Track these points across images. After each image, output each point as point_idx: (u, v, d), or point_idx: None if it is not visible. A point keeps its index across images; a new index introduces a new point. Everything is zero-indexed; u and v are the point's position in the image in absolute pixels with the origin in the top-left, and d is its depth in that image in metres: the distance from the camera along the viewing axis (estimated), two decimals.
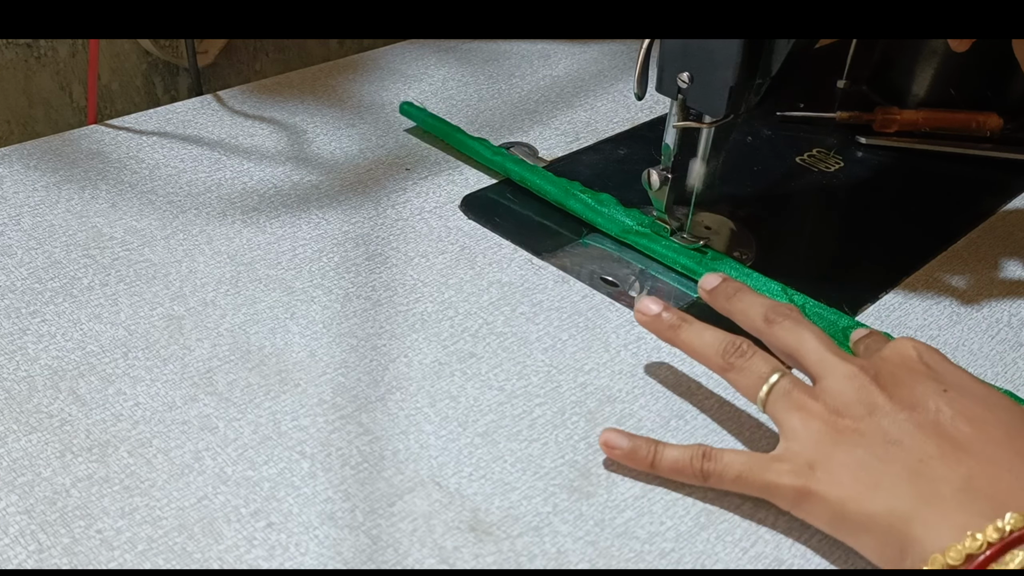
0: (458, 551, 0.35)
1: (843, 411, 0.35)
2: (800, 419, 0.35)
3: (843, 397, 0.35)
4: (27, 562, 0.33)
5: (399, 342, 0.44)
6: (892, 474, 0.33)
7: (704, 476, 0.36)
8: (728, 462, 0.36)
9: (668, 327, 0.41)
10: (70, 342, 0.43)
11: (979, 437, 0.33)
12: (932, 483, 0.32)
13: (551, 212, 0.55)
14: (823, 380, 0.36)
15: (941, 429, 0.33)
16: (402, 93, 0.67)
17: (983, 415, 0.33)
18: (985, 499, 0.31)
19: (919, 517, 0.31)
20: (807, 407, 0.35)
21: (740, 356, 0.38)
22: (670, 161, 0.49)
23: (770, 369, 0.37)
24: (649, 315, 0.41)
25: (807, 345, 0.38)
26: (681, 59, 0.45)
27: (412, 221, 0.53)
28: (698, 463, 0.36)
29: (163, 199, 0.54)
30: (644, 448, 0.37)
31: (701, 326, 0.40)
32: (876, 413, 0.34)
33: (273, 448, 0.38)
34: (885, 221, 0.57)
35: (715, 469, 0.36)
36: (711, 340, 0.39)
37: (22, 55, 0.66)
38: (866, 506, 0.32)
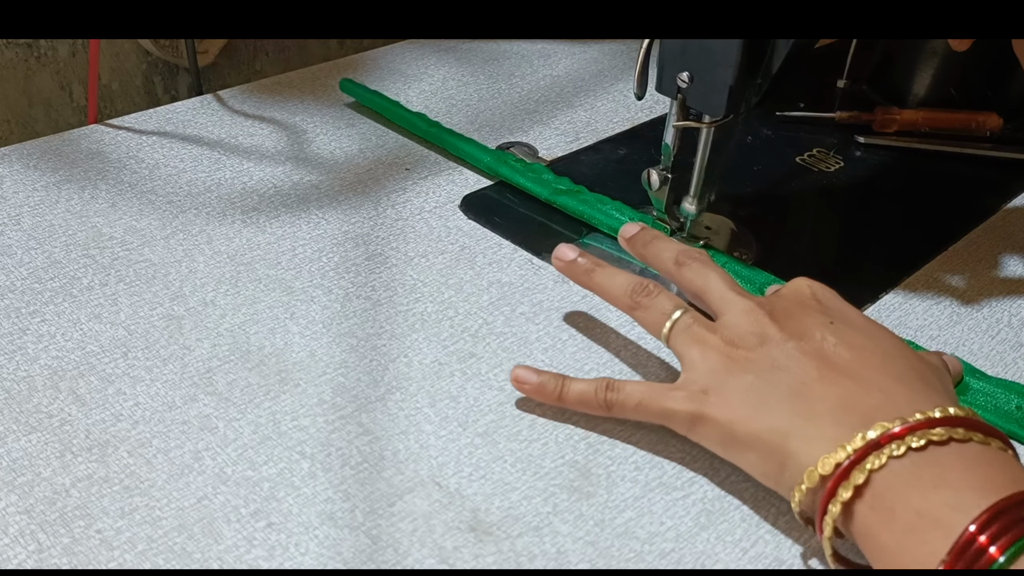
0: (458, 551, 0.35)
1: (738, 342, 0.37)
2: (699, 351, 0.38)
3: (738, 329, 0.37)
4: (27, 562, 0.33)
5: (399, 342, 0.44)
6: (776, 396, 0.35)
7: (608, 406, 0.39)
8: (629, 391, 0.38)
9: (583, 271, 0.43)
10: (70, 342, 0.43)
11: (857, 362, 0.35)
12: (810, 402, 0.34)
13: (551, 212, 0.55)
14: (723, 316, 0.39)
15: (823, 355, 0.35)
16: (402, 93, 0.67)
17: (863, 343, 0.36)
18: (856, 414, 0.33)
19: (796, 432, 0.34)
20: (706, 340, 0.38)
21: (647, 295, 0.40)
22: (670, 161, 0.49)
23: (673, 306, 0.39)
24: (565, 260, 0.43)
25: (711, 284, 0.40)
26: (681, 59, 0.45)
27: (412, 221, 0.53)
28: (602, 394, 0.39)
29: (163, 199, 0.54)
30: (552, 383, 0.40)
31: (613, 270, 0.42)
32: (767, 343, 0.36)
33: (273, 448, 0.38)
34: (885, 221, 0.57)
35: (617, 399, 0.38)
36: (621, 282, 0.42)
37: (22, 55, 0.66)
38: (751, 425, 0.35)
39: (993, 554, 0.28)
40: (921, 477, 0.30)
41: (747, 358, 0.36)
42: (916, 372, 0.35)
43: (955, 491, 0.30)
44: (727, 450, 0.36)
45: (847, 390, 0.34)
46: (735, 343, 0.37)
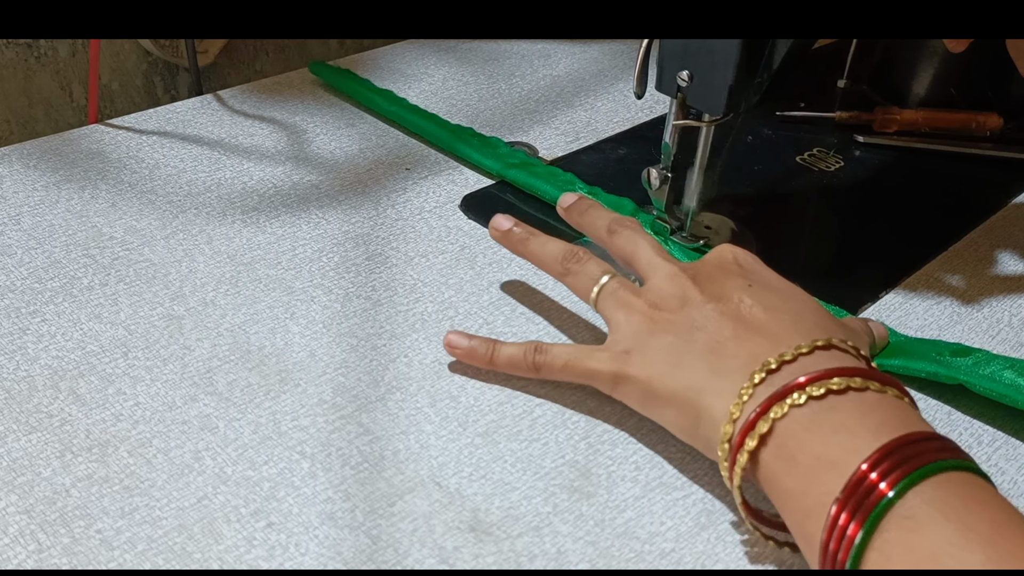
0: (458, 551, 0.34)
1: (661, 305, 0.38)
2: (624, 314, 0.39)
3: (662, 293, 0.39)
4: (27, 562, 0.33)
5: (399, 342, 0.44)
6: (693, 354, 0.36)
7: (536, 368, 0.40)
8: (556, 353, 0.40)
9: (518, 240, 0.45)
10: (70, 342, 0.43)
11: (771, 321, 0.36)
12: (723, 359, 0.35)
13: (552, 212, 0.54)
14: (649, 280, 0.40)
15: (739, 315, 0.37)
16: (402, 92, 0.67)
17: (778, 304, 0.37)
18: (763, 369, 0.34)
19: (709, 387, 0.35)
20: (631, 304, 0.39)
21: (576, 262, 0.42)
22: (670, 160, 0.49)
23: (601, 272, 0.41)
24: (501, 230, 0.45)
25: (640, 251, 0.42)
26: (681, 58, 0.45)
27: (412, 221, 0.53)
28: (530, 356, 0.40)
29: (163, 199, 0.54)
30: (483, 347, 0.41)
31: (546, 238, 0.44)
32: (688, 305, 0.38)
33: (273, 448, 0.38)
34: (885, 221, 0.57)
35: (545, 360, 0.40)
36: (552, 249, 0.43)
37: (22, 55, 0.66)
38: (669, 383, 0.36)
39: (883, 490, 0.29)
40: (820, 423, 0.32)
41: (668, 320, 0.38)
42: (825, 330, 0.36)
43: (851, 434, 0.31)
44: (647, 407, 0.38)
45: (758, 346, 0.35)
46: (658, 306, 0.38)
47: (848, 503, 0.29)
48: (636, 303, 0.39)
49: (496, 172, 0.56)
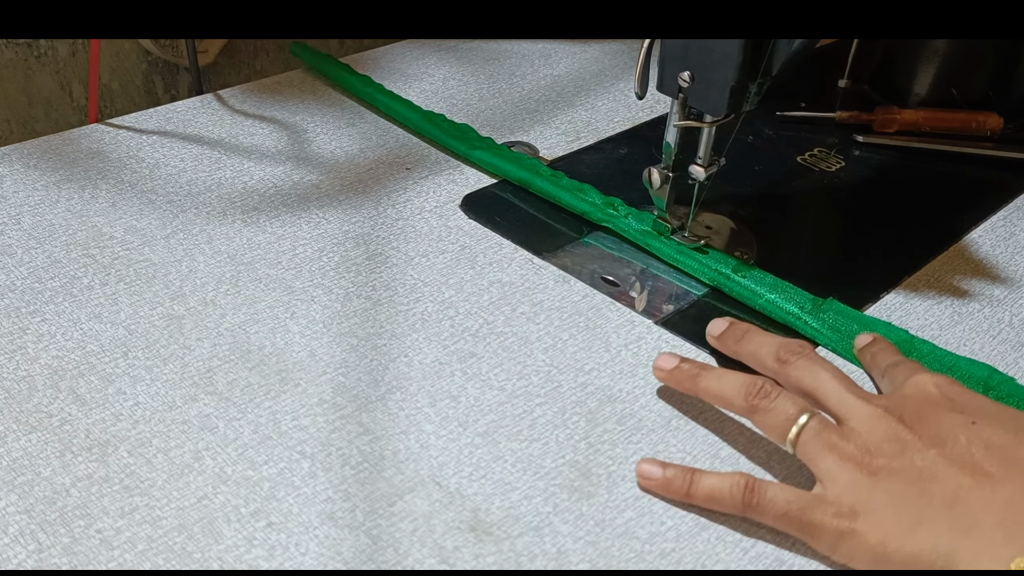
0: (458, 551, 0.34)
1: (875, 451, 0.35)
2: (834, 460, 0.35)
3: (873, 437, 0.35)
4: (27, 562, 0.33)
5: (399, 342, 0.44)
6: (931, 510, 0.33)
7: (746, 509, 0.36)
8: (771, 497, 0.35)
9: (688, 378, 0.40)
10: (70, 341, 0.43)
11: (1013, 464, 0.33)
12: (970, 516, 0.32)
13: (552, 212, 0.55)
14: (849, 421, 0.36)
15: (973, 461, 0.33)
16: (402, 92, 0.67)
17: (1013, 441, 0.34)
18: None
19: (962, 551, 0.31)
20: (839, 448, 0.35)
21: (764, 398, 0.38)
22: (671, 160, 0.49)
23: (798, 410, 0.37)
24: (667, 369, 0.41)
25: (826, 386, 0.38)
26: (682, 58, 0.45)
27: (412, 221, 0.53)
28: (739, 493, 0.36)
29: (163, 198, 0.54)
30: (679, 478, 0.37)
31: (720, 371, 0.40)
32: (908, 450, 0.34)
33: (273, 448, 0.38)
34: (886, 221, 0.57)
35: (759, 503, 0.35)
36: (732, 383, 0.39)
37: (22, 55, 0.66)
38: (907, 546, 0.32)
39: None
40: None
41: (889, 468, 0.34)
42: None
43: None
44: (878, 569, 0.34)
45: (1011, 498, 0.32)
46: (872, 452, 0.34)
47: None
48: (846, 448, 0.35)
49: (462, 153, 0.59)
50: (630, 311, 0.47)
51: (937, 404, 0.36)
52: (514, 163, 0.57)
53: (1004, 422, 0.35)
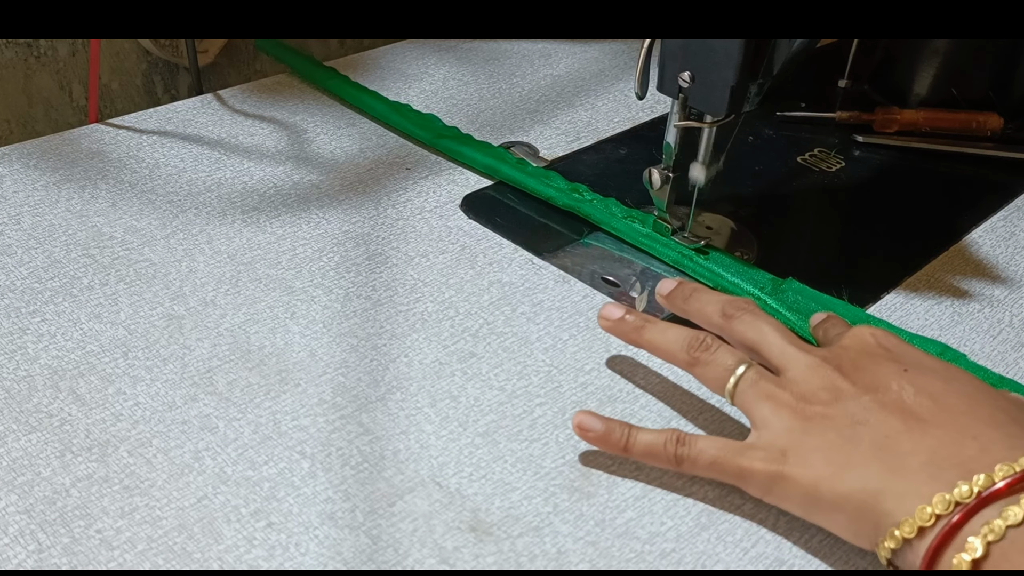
0: (458, 551, 0.34)
1: (810, 398, 0.35)
2: (770, 408, 0.36)
3: (809, 385, 0.36)
4: (27, 562, 0.33)
5: (399, 342, 0.44)
6: (861, 453, 0.33)
7: (678, 460, 0.37)
8: (702, 448, 0.36)
9: (632, 329, 0.41)
10: (70, 342, 0.43)
11: (942, 409, 0.33)
12: (899, 457, 0.33)
13: (552, 212, 0.54)
14: (788, 371, 0.37)
15: (904, 406, 0.34)
16: (403, 92, 0.67)
17: (943, 388, 0.34)
18: (952, 467, 0.31)
19: (889, 490, 0.32)
20: (775, 396, 0.36)
21: (705, 350, 0.39)
22: (671, 160, 0.49)
23: (736, 361, 0.38)
24: (612, 319, 0.42)
25: (767, 338, 0.39)
26: (682, 59, 0.45)
27: (412, 221, 0.53)
28: (671, 447, 0.37)
29: (163, 198, 0.54)
30: (618, 431, 0.38)
31: (664, 325, 0.41)
32: (842, 398, 0.35)
33: (273, 448, 0.38)
34: (887, 221, 0.57)
35: (688, 455, 0.36)
36: (675, 337, 0.40)
37: (22, 55, 0.66)
38: (838, 486, 0.33)
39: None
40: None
41: (823, 414, 0.35)
42: (1007, 414, 0.33)
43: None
44: (809, 511, 0.34)
45: (938, 441, 0.32)
46: (807, 399, 0.35)
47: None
48: (782, 396, 0.36)
49: (428, 141, 0.60)
50: None
51: (874, 354, 0.37)
52: (480, 151, 0.57)
53: (937, 371, 0.35)
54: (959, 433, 0.32)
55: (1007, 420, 0.33)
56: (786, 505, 0.35)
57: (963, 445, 0.32)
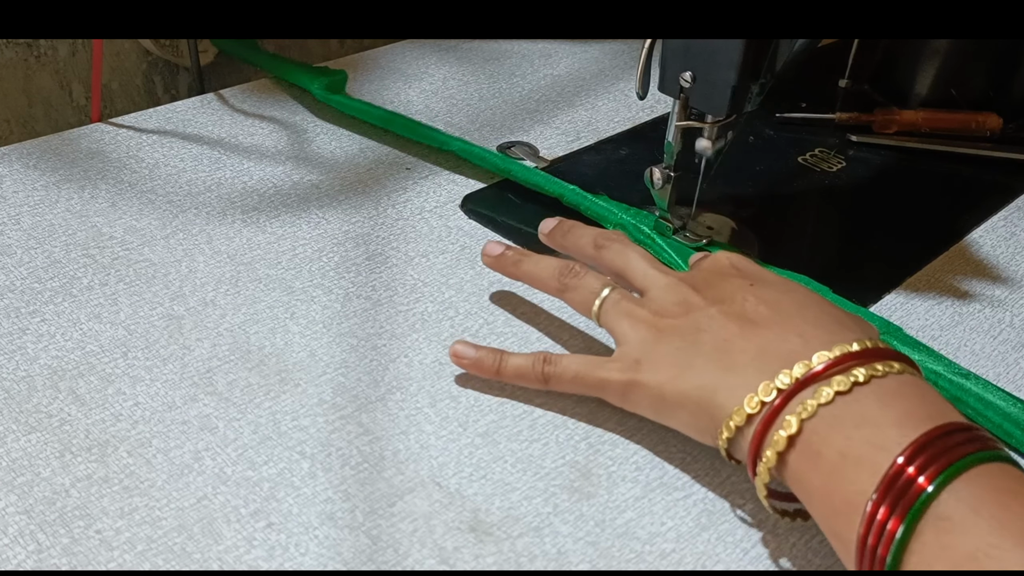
0: (458, 552, 0.34)
1: (664, 312, 0.39)
2: (629, 324, 0.39)
3: (664, 301, 0.39)
4: (26, 562, 0.33)
5: (399, 342, 0.44)
6: (701, 356, 0.36)
7: (545, 379, 0.40)
8: (565, 364, 0.39)
9: (511, 263, 0.45)
10: (70, 342, 0.43)
11: (774, 314, 0.36)
12: (731, 355, 0.35)
13: (552, 212, 0.54)
14: (648, 291, 0.40)
15: (743, 313, 0.37)
16: (402, 92, 0.67)
17: (779, 297, 0.37)
18: (776, 359, 0.34)
19: (721, 385, 0.35)
20: (634, 314, 0.39)
21: (574, 276, 0.42)
22: (672, 160, 0.49)
23: (601, 285, 0.41)
24: (493, 255, 0.45)
25: (632, 264, 0.42)
26: (683, 59, 0.45)
27: (412, 221, 0.53)
28: (539, 367, 0.40)
29: (163, 198, 0.54)
30: (490, 357, 0.41)
31: (539, 257, 0.44)
32: (692, 311, 0.38)
33: (273, 448, 0.38)
34: (887, 221, 0.57)
35: (554, 372, 0.40)
36: (547, 266, 0.43)
37: (22, 54, 0.66)
38: (680, 385, 0.36)
39: (922, 484, 0.29)
40: (843, 418, 0.31)
41: (673, 325, 0.38)
42: (832, 316, 0.36)
43: (876, 428, 0.31)
44: (660, 413, 0.37)
45: (766, 340, 0.35)
46: (662, 314, 0.38)
47: (886, 498, 0.29)
48: (639, 312, 0.39)
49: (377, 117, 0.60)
50: None
51: (724, 272, 0.40)
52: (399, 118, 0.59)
53: (776, 284, 0.38)
54: (785, 331, 0.35)
55: (830, 320, 0.35)
56: (640, 410, 0.38)
57: (787, 341, 0.35)
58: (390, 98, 0.66)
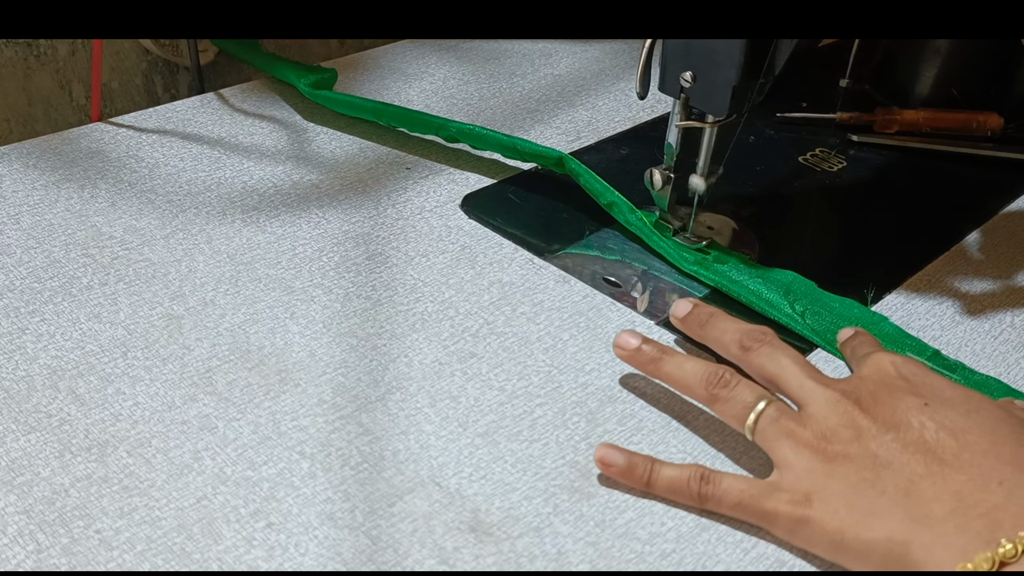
0: (458, 552, 0.34)
1: (831, 437, 0.35)
2: (791, 447, 0.36)
3: (829, 423, 0.35)
4: (26, 562, 0.33)
5: (399, 342, 0.44)
6: (885, 498, 0.33)
7: (702, 499, 0.36)
8: (726, 488, 0.36)
9: (649, 360, 0.41)
10: (69, 341, 0.43)
11: (964, 449, 0.33)
12: (924, 504, 0.32)
13: (553, 211, 0.54)
14: (807, 407, 0.37)
15: (926, 446, 0.34)
16: (403, 92, 0.67)
17: (965, 424, 0.34)
18: (978, 516, 0.31)
19: (916, 541, 0.32)
20: (796, 435, 0.36)
21: (724, 386, 0.38)
22: (673, 161, 0.49)
23: (755, 398, 0.37)
24: (629, 349, 0.41)
25: (787, 372, 0.38)
26: (684, 58, 0.45)
27: (412, 220, 0.53)
28: (695, 485, 0.36)
29: (163, 198, 0.54)
30: (641, 466, 0.37)
31: (682, 357, 0.40)
32: (863, 436, 0.35)
33: (273, 448, 0.38)
34: (888, 221, 0.56)
35: (713, 493, 0.36)
36: (693, 371, 0.39)
37: (22, 54, 0.66)
38: (863, 534, 0.33)
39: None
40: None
41: (844, 454, 0.34)
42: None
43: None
44: (837, 556, 0.34)
45: (962, 486, 0.32)
46: (828, 438, 0.35)
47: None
48: (803, 435, 0.35)
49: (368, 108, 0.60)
50: (631, 312, 0.47)
51: (893, 385, 0.36)
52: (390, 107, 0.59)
53: (957, 403, 0.35)
54: (983, 477, 0.32)
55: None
56: (812, 548, 0.35)
57: (988, 491, 0.32)
58: (390, 98, 0.66)
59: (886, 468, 0.34)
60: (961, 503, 0.32)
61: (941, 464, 0.33)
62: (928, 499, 0.32)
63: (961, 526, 0.31)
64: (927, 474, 0.33)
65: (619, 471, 0.37)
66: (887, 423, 0.35)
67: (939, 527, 0.32)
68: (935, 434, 0.34)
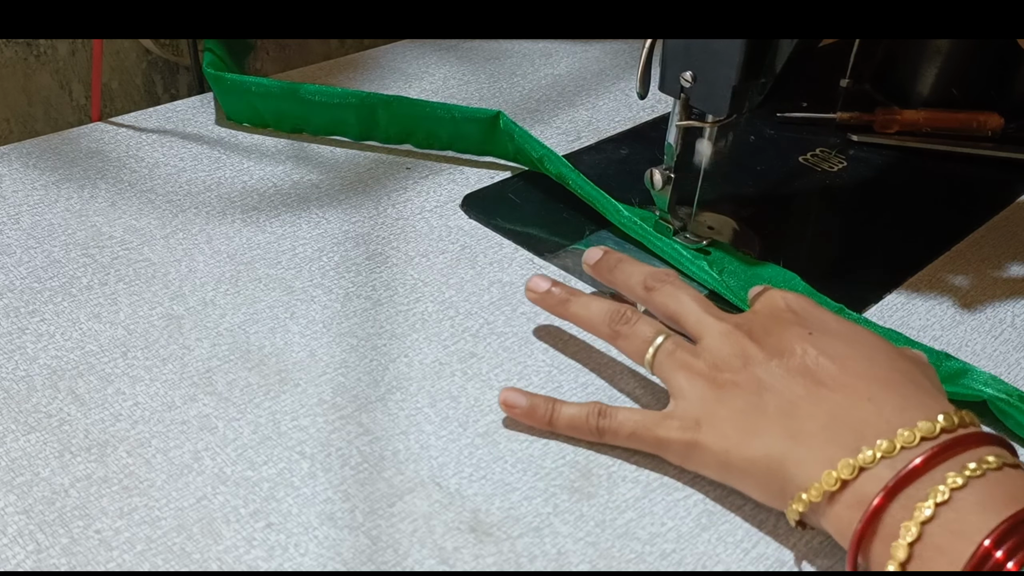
0: (458, 552, 0.34)
1: (722, 366, 0.37)
2: (685, 377, 0.37)
3: (721, 352, 0.37)
4: (25, 562, 0.33)
5: (399, 342, 0.44)
6: (766, 419, 0.35)
7: (599, 432, 0.38)
8: (622, 420, 0.38)
9: (558, 302, 0.43)
10: (69, 341, 0.43)
11: (841, 372, 0.34)
12: (800, 422, 0.34)
13: (553, 211, 0.54)
14: (703, 339, 0.38)
15: (807, 370, 0.35)
16: (403, 92, 0.67)
17: (844, 351, 0.35)
18: (847, 430, 0.33)
19: (791, 456, 0.34)
20: (690, 365, 0.38)
21: (625, 323, 0.40)
22: (673, 160, 0.49)
23: (654, 332, 0.39)
24: (539, 292, 0.43)
25: (685, 308, 0.40)
26: (684, 58, 0.45)
27: (412, 220, 0.53)
28: (594, 420, 0.38)
29: (163, 198, 0.54)
30: (542, 406, 0.39)
31: (588, 298, 0.42)
32: (751, 364, 0.36)
33: (273, 448, 0.38)
34: (888, 221, 0.56)
35: (609, 427, 0.38)
36: (598, 310, 0.41)
37: (22, 54, 0.66)
38: (746, 452, 0.35)
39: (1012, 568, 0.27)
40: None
41: (733, 381, 0.36)
42: (903, 374, 0.34)
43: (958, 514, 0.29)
44: (724, 476, 0.36)
45: (836, 404, 0.34)
46: (719, 367, 0.37)
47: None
48: (696, 364, 0.37)
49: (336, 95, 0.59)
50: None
51: (781, 318, 0.38)
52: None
53: (839, 333, 0.36)
54: (855, 395, 0.34)
55: (902, 380, 0.34)
56: (703, 470, 0.37)
57: (858, 407, 0.33)
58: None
59: (769, 391, 0.35)
60: (833, 420, 0.33)
61: (819, 385, 0.34)
62: (804, 417, 0.34)
63: (830, 439, 0.33)
64: (806, 395, 0.34)
65: (522, 412, 0.39)
66: (773, 351, 0.36)
67: (811, 441, 0.33)
68: (816, 360, 0.35)
